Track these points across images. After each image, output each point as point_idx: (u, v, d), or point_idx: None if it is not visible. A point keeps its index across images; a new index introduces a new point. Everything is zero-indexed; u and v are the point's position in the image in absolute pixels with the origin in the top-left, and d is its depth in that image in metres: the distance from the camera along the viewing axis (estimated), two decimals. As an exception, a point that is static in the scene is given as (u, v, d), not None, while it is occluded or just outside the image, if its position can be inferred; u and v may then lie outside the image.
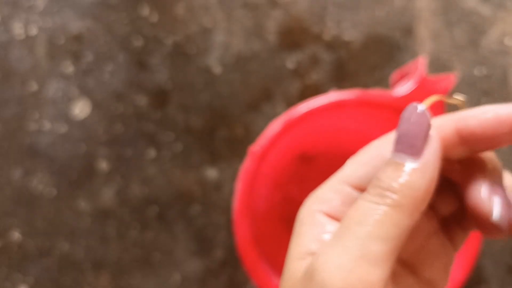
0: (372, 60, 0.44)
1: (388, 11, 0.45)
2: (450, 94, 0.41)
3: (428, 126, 0.16)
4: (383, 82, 0.44)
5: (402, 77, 0.39)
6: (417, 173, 0.16)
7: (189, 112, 0.44)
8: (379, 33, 0.45)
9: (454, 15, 0.45)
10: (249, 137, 0.44)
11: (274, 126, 0.38)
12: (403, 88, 0.37)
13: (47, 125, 0.44)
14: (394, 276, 0.18)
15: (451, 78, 0.37)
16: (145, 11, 0.45)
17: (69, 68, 0.44)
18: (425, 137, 0.16)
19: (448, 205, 0.19)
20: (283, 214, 0.40)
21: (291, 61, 0.45)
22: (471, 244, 0.36)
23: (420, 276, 0.18)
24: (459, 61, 0.45)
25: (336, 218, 0.18)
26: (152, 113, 0.44)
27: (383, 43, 0.45)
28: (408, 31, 0.45)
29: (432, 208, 0.19)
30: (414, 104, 0.17)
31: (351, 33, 0.45)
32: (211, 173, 0.44)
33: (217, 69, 0.45)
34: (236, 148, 0.44)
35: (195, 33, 0.45)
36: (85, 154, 0.44)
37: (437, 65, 0.45)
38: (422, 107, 0.17)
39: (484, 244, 0.43)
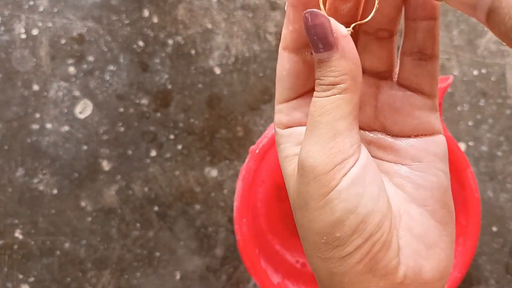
0: (371, 60, 0.45)
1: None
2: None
3: (327, 21, 0.19)
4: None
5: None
6: (341, 60, 0.19)
7: (190, 112, 0.44)
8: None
9: (453, 16, 0.46)
10: (249, 137, 0.44)
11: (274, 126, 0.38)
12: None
13: (48, 125, 0.44)
14: (371, 145, 0.22)
15: (450, 79, 0.37)
16: (146, 12, 0.45)
17: (70, 68, 0.45)
18: (330, 31, 0.19)
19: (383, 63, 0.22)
20: (283, 213, 0.40)
21: (290, 62, 0.45)
22: (468, 243, 0.37)
23: (392, 133, 0.22)
24: (457, 61, 0.46)
25: (292, 126, 0.22)
26: (153, 113, 0.44)
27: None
28: (407, 32, 0.45)
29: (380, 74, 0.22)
30: (307, 11, 0.19)
31: (350, 34, 0.45)
32: (212, 172, 0.44)
33: (217, 70, 0.45)
34: (236, 148, 0.44)
35: (195, 34, 0.45)
36: (87, 154, 0.44)
37: None
38: (312, 10, 0.19)
39: (482, 243, 0.43)
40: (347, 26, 0.21)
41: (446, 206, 0.21)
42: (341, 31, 0.19)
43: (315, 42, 0.19)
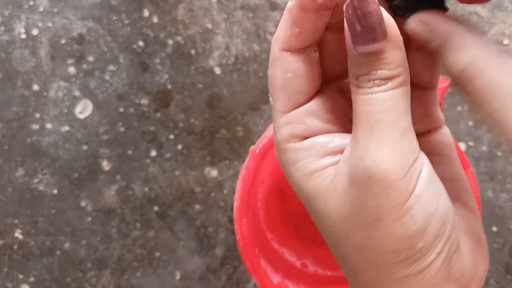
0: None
1: (387, 12, 0.45)
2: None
3: (379, 8, 0.17)
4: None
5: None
6: (395, 50, 0.17)
7: (190, 112, 0.44)
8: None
9: (452, 16, 0.46)
10: (249, 137, 0.44)
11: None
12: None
13: (49, 125, 0.44)
14: None
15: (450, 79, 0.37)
16: (146, 12, 0.45)
17: (70, 68, 0.45)
18: (381, 17, 0.17)
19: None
20: (283, 213, 0.40)
21: (290, 62, 0.45)
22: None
23: None
24: (457, 61, 0.46)
25: (309, 136, 0.19)
26: (153, 113, 0.44)
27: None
28: (407, 32, 0.45)
29: None
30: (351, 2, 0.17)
31: (350, 34, 0.45)
32: (212, 172, 0.44)
33: (217, 70, 0.45)
34: (236, 148, 0.44)
35: (195, 34, 0.45)
36: (87, 154, 0.44)
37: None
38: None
39: (482, 243, 0.43)
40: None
41: (472, 194, 0.20)
42: (390, 18, 0.17)
43: (363, 33, 0.17)
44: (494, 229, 0.44)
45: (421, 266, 0.17)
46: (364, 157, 0.17)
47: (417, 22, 0.18)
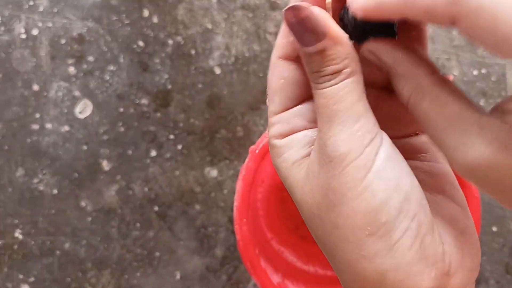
0: (371, 60, 0.45)
1: (387, 12, 0.45)
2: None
3: (313, 11, 0.19)
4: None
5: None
6: (337, 46, 0.19)
7: (190, 112, 0.44)
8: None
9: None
10: (249, 137, 0.44)
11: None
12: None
13: (48, 125, 0.44)
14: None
15: (449, 79, 0.37)
16: (146, 12, 0.45)
17: (70, 68, 0.45)
18: (315, 20, 0.19)
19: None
20: (283, 213, 0.40)
21: (290, 62, 0.45)
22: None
23: (393, 138, 0.23)
24: (457, 61, 0.46)
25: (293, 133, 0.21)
26: (153, 113, 0.44)
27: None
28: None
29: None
30: (288, 8, 0.19)
31: (350, 34, 0.45)
32: (212, 172, 0.44)
33: (217, 70, 0.45)
34: (236, 148, 0.44)
35: (195, 34, 0.45)
36: (87, 154, 0.44)
37: (436, 66, 0.45)
38: (294, 5, 0.19)
39: (482, 243, 0.43)
40: None
41: (459, 189, 0.21)
42: (328, 17, 0.19)
43: (305, 36, 0.19)
44: (494, 229, 0.44)
45: (389, 242, 0.18)
46: (326, 144, 0.19)
47: (366, 52, 0.20)
